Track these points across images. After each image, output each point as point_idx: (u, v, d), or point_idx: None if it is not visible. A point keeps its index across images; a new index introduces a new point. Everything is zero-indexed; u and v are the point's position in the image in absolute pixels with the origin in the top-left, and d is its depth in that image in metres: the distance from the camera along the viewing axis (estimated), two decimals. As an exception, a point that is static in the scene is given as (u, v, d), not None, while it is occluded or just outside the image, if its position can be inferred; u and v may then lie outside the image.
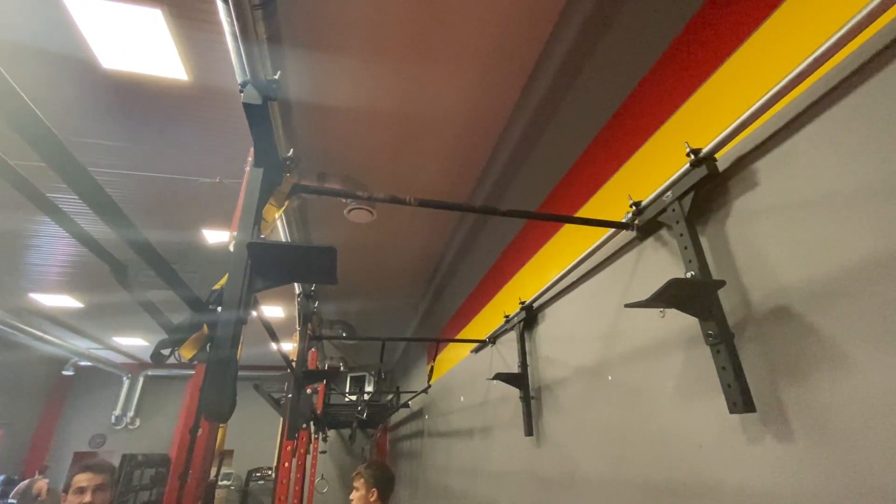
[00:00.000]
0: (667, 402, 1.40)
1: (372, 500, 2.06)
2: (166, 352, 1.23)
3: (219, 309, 1.08)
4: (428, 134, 3.16)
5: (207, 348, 1.21)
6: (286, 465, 2.99)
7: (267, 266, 1.04)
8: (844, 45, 0.92)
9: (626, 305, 1.23)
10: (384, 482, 2.12)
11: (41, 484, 7.92)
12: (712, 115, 1.38)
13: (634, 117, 1.83)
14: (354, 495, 2.14)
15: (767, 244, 1.13)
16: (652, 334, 1.51)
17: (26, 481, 7.95)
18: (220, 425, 2.13)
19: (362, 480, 2.13)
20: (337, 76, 2.65)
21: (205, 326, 1.22)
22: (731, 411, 1.09)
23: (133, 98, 2.84)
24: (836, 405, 0.92)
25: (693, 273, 1.25)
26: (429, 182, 3.72)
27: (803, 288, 1.02)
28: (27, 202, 0.81)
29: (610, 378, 1.73)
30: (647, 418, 1.49)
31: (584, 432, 1.87)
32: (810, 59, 0.96)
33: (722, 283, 1.19)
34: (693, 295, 1.19)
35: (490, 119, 3.00)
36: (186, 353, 1.25)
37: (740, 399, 1.07)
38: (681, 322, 1.36)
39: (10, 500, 7.94)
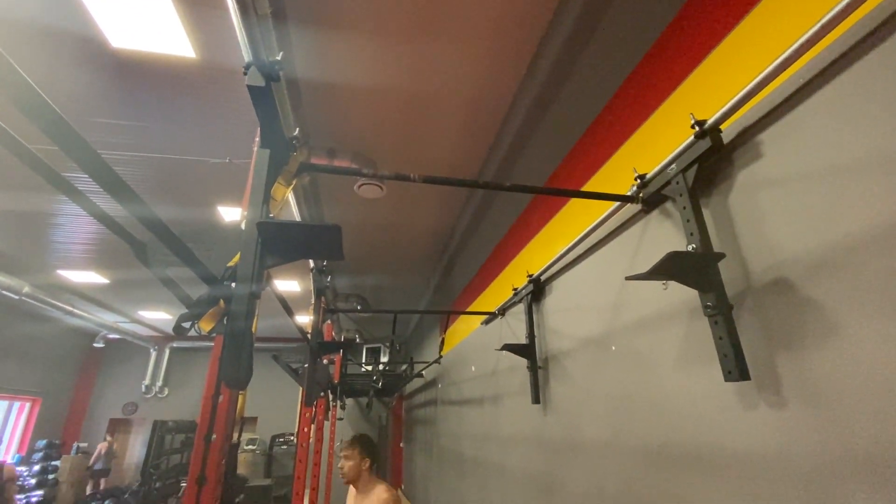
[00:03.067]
0: (668, 372, 1.44)
1: (365, 467, 2.49)
2: (187, 325, 1.30)
3: (233, 285, 1.14)
4: (436, 109, 3.13)
5: (224, 321, 1.27)
6: (305, 430, 3.16)
7: (276, 244, 1.08)
8: (852, 13, 0.89)
9: (627, 278, 1.26)
10: (375, 453, 2.54)
11: (104, 445, 9.25)
12: (718, 86, 1.35)
13: (640, 89, 1.80)
14: (346, 464, 2.51)
15: (769, 216, 1.13)
16: (655, 306, 1.54)
17: (101, 445, 9.24)
18: (240, 392, 2.25)
19: (356, 450, 2.52)
20: (344, 53, 2.63)
21: (221, 301, 1.28)
22: (727, 379, 1.13)
23: (142, 77, 2.87)
24: (830, 373, 0.94)
25: (694, 246, 1.25)
26: (438, 157, 3.71)
27: (803, 259, 1.03)
28: (48, 183, 0.86)
29: (614, 348, 1.77)
30: (648, 386, 1.54)
31: (588, 400, 1.93)
32: (817, 27, 0.93)
33: (721, 256, 1.20)
34: (693, 267, 1.20)
35: (497, 94, 2.96)
36: (205, 325, 1.32)
37: (735, 368, 1.10)
38: (683, 294, 1.38)
39: (53, 463, 8.69)
